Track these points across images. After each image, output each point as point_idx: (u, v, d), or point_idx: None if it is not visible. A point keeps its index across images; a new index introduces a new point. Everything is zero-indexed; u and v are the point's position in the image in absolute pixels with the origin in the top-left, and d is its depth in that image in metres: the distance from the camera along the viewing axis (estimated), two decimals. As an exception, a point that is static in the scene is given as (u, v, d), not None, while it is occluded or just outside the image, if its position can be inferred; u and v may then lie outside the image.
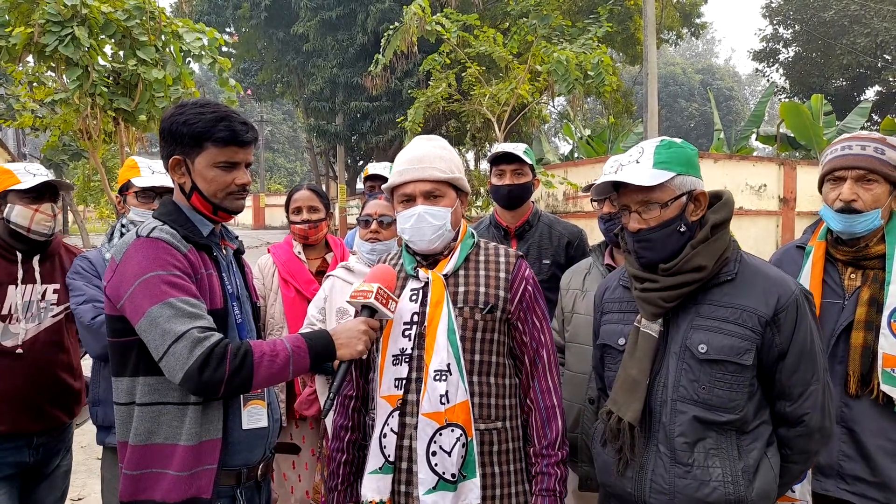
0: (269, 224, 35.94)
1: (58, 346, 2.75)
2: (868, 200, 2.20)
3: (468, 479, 1.93)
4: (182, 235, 1.85)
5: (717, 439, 1.81)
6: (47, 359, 2.71)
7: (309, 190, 3.25)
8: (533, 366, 2.08)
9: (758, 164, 12.78)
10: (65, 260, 2.85)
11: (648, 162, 1.85)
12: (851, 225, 2.23)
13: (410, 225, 2.03)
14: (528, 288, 2.09)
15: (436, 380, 1.93)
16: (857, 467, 2.17)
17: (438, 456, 1.92)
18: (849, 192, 2.21)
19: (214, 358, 1.67)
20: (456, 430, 1.92)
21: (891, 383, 2.12)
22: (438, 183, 2.02)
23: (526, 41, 12.69)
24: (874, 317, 2.17)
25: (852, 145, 2.25)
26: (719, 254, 1.85)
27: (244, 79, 28.80)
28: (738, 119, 40.46)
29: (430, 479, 1.91)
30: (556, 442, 2.04)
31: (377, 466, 1.98)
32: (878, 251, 2.23)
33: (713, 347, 1.80)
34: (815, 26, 26.19)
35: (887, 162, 2.20)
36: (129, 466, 1.80)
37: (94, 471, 5.15)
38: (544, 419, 2.05)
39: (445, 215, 2.03)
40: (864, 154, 2.21)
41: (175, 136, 1.85)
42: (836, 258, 2.32)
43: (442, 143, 2.11)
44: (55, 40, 6.26)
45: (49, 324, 2.73)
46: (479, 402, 1.99)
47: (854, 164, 2.22)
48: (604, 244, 2.75)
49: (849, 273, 2.29)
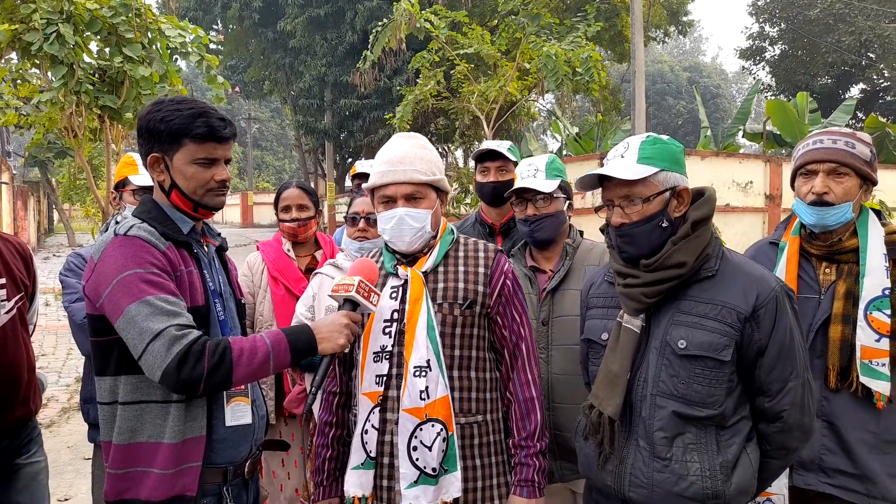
0: (257, 222, 35.77)
1: (11, 342, 2.58)
2: (839, 193, 2.23)
3: (449, 472, 1.96)
4: (161, 233, 1.84)
5: (696, 434, 1.83)
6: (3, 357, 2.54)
7: (298, 188, 3.25)
8: (513, 359, 2.11)
9: (744, 162, 12.86)
10: (2, 251, 2.67)
11: (633, 157, 1.87)
12: (823, 217, 2.25)
13: (391, 226, 2.05)
14: (507, 282, 2.11)
15: (415, 376, 1.96)
16: (838, 460, 2.19)
17: (419, 451, 1.94)
18: (821, 184, 2.24)
19: (192, 355, 1.67)
20: (437, 424, 1.95)
21: (869, 375, 2.14)
22: (419, 185, 2.04)
23: (514, 38, 12.71)
24: (851, 310, 2.19)
25: (823, 139, 2.28)
26: (700, 250, 1.87)
27: (232, 76, 28.62)
28: (725, 116, 40.70)
29: (411, 474, 1.94)
30: (536, 433, 2.07)
31: (359, 462, 2.00)
32: (851, 245, 2.26)
33: (692, 343, 1.82)
34: (800, 24, 26.39)
35: (857, 156, 2.22)
36: (113, 466, 1.80)
37: (80, 471, 5.13)
38: (524, 411, 2.08)
39: (426, 217, 2.05)
40: (835, 147, 2.24)
41: (153, 133, 1.85)
42: (810, 253, 2.34)
43: (422, 143, 2.12)
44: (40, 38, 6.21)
45: (3, 322, 2.55)
46: (460, 396, 2.02)
47: (825, 158, 2.24)
48: (524, 245, 2.74)
49: (823, 267, 2.31)
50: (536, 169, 2.61)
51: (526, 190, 2.58)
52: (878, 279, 2.17)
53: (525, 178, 2.60)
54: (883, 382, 2.13)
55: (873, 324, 2.15)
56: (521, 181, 2.61)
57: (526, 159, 2.72)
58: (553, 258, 2.65)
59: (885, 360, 2.13)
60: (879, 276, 2.17)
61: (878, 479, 2.14)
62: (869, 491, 2.14)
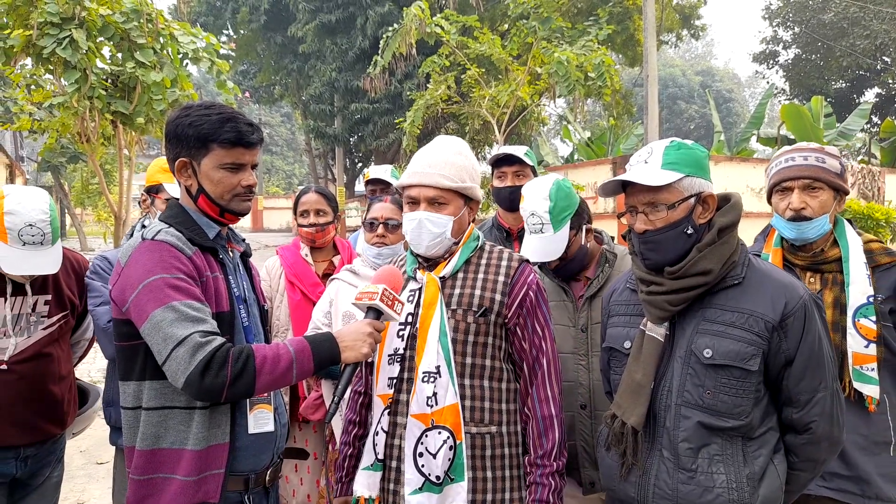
0: (267, 227, 35.91)
1: (48, 358, 2.62)
2: (816, 207, 2.31)
3: (455, 482, 1.92)
4: (187, 238, 1.84)
5: (721, 445, 1.80)
6: (36, 372, 2.57)
7: (317, 193, 3.24)
8: (532, 373, 2.06)
9: (758, 167, 12.79)
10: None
11: (657, 162, 1.84)
12: (803, 232, 2.33)
13: (411, 228, 2.04)
14: (530, 293, 2.07)
15: (424, 381, 1.94)
16: (833, 464, 2.20)
17: (425, 457, 1.93)
18: (798, 200, 2.32)
19: (216, 363, 1.66)
20: (443, 432, 1.92)
21: (861, 380, 2.23)
22: (444, 190, 2.02)
23: (526, 43, 12.70)
24: (839, 318, 2.27)
25: (795, 157, 2.37)
26: (726, 257, 1.83)
27: (242, 81, 28.79)
28: (738, 121, 40.56)
29: (416, 480, 1.93)
30: (553, 452, 2.02)
31: (369, 463, 2.01)
32: (834, 255, 2.33)
33: (718, 352, 1.79)
34: (814, 28, 26.24)
35: (829, 170, 2.32)
36: (136, 472, 1.79)
37: (94, 476, 5.13)
38: (541, 429, 2.03)
39: (446, 223, 2.02)
40: (807, 164, 2.33)
41: (181, 137, 1.84)
42: (794, 264, 2.40)
43: (459, 148, 2.09)
44: (53, 43, 6.25)
45: (40, 336, 2.59)
46: (471, 405, 1.99)
47: (799, 175, 2.33)
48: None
49: (808, 277, 2.38)
50: (542, 223, 2.43)
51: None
52: (862, 287, 2.25)
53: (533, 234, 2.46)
54: (873, 386, 2.22)
55: (861, 330, 2.24)
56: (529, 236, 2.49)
57: (525, 201, 2.50)
58: (585, 274, 2.57)
59: (873, 364, 2.23)
60: (863, 285, 2.25)
61: (871, 480, 2.22)
62: (864, 491, 2.22)
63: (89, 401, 2.97)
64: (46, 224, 2.45)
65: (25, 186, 2.55)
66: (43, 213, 2.45)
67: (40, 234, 2.44)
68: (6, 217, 2.40)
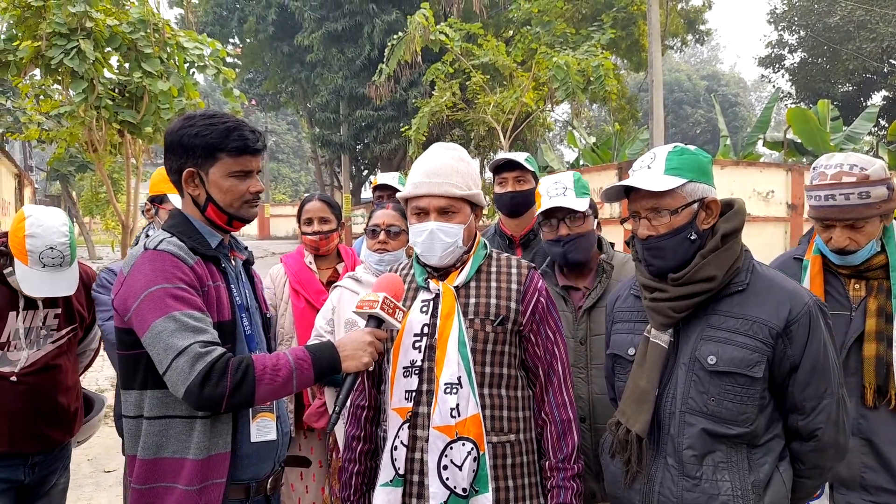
0: (273, 234, 35.97)
1: (57, 369, 2.66)
2: (862, 241, 2.21)
3: (480, 493, 1.90)
4: (190, 247, 1.85)
5: (726, 452, 1.79)
6: (45, 382, 2.62)
7: (320, 201, 3.25)
8: (547, 378, 2.05)
9: (765, 171, 12.72)
10: None
11: (660, 168, 1.84)
12: (848, 261, 2.26)
13: (422, 240, 2.01)
14: (541, 300, 2.06)
15: (446, 392, 1.91)
16: (879, 478, 2.17)
17: (450, 470, 1.89)
18: (842, 238, 2.22)
19: (215, 373, 1.66)
20: (467, 444, 1.90)
21: None
22: (453, 199, 2.00)
23: (530, 49, 12.71)
24: (884, 327, 2.17)
25: (836, 195, 2.19)
26: (730, 264, 1.83)
27: (249, 89, 28.91)
28: (744, 125, 40.39)
29: (441, 494, 1.89)
30: (573, 455, 2.02)
31: (388, 479, 1.96)
32: (879, 261, 2.24)
33: (723, 359, 1.78)
34: (820, 32, 26.14)
35: (874, 203, 2.17)
36: (137, 481, 1.79)
37: (100, 484, 5.13)
38: (560, 433, 2.02)
39: (458, 232, 2.00)
40: (848, 204, 2.17)
41: (186, 148, 1.85)
42: (838, 271, 2.32)
43: (460, 155, 2.07)
44: (61, 53, 6.30)
45: (49, 349, 2.64)
46: (491, 414, 1.97)
47: (841, 216, 2.19)
48: (551, 264, 2.67)
49: (853, 284, 2.29)
50: (565, 187, 2.50)
51: (558, 209, 2.48)
52: None
53: (554, 197, 2.49)
54: None
55: None
56: (550, 200, 2.50)
57: (548, 177, 2.61)
58: (587, 275, 2.58)
59: None
60: None
61: None
62: None
63: (94, 409, 3.00)
64: (66, 246, 2.49)
65: (45, 207, 2.58)
66: (63, 236, 2.48)
67: (60, 257, 2.48)
68: (27, 240, 2.42)
